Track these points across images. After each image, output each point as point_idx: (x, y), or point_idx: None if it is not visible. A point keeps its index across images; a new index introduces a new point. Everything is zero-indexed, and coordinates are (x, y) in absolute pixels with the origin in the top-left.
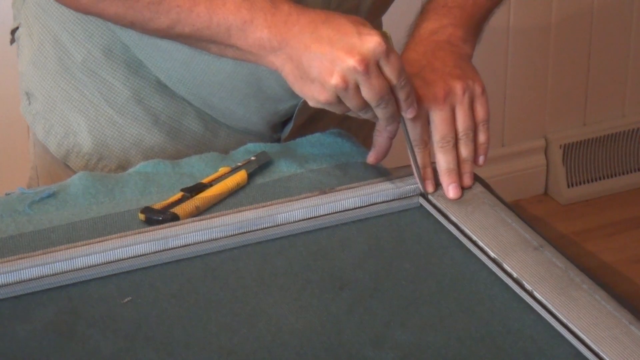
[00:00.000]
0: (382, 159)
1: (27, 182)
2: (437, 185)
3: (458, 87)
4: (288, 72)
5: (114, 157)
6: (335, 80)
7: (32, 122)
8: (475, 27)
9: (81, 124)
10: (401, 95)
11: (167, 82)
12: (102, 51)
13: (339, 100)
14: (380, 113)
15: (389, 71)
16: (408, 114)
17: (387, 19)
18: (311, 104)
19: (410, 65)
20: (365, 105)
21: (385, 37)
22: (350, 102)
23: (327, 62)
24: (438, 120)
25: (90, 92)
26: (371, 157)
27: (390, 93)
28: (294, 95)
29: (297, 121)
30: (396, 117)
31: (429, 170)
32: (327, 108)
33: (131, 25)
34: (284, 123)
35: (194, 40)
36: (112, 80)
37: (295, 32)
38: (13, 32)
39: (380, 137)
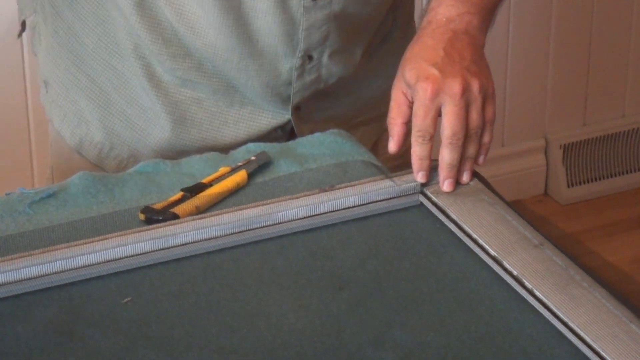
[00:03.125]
0: (402, 146)
1: (45, 183)
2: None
3: (475, 85)
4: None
5: (125, 146)
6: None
7: (49, 111)
8: (489, 14)
9: (92, 112)
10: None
11: (172, 67)
12: (112, 38)
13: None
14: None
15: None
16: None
17: None
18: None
19: (427, 51)
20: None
21: None
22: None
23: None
24: (452, 115)
25: (102, 80)
26: (393, 147)
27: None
28: (288, 47)
29: (298, 85)
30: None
31: (427, 163)
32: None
33: None
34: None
35: None
36: (122, 68)
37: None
38: (23, 23)
39: (395, 127)
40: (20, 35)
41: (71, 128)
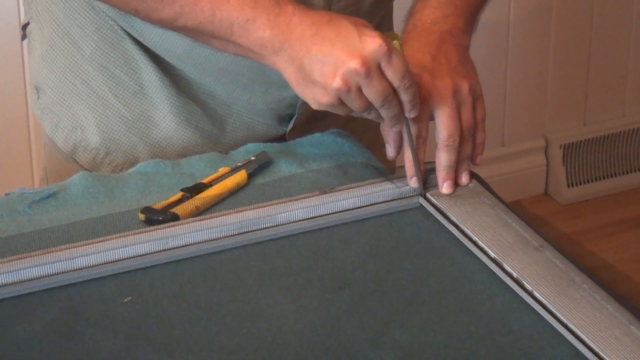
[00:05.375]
0: (400, 151)
1: (39, 184)
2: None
3: (464, 86)
4: (290, 73)
5: (121, 151)
6: (337, 83)
7: (40, 117)
8: (473, 16)
9: (89, 117)
10: (404, 97)
11: (171, 70)
12: (111, 44)
13: (341, 102)
14: (385, 113)
15: (391, 74)
16: (411, 115)
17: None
18: (314, 106)
19: (413, 55)
20: (368, 106)
21: (390, 38)
22: (353, 104)
23: (329, 65)
24: (446, 117)
25: (99, 85)
26: (391, 152)
27: (393, 94)
28: None
29: (301, 111)
30: (400, 117)
31: (420, 168)
32: (329, 110)
33: (135, 13)
34: (291, 117)
35: (197, 33)
36: (120, 73)
37: (297, 34)
38: (24, 27)
39: (390, 132)
40: (24, 38)
41: (65, 134)
